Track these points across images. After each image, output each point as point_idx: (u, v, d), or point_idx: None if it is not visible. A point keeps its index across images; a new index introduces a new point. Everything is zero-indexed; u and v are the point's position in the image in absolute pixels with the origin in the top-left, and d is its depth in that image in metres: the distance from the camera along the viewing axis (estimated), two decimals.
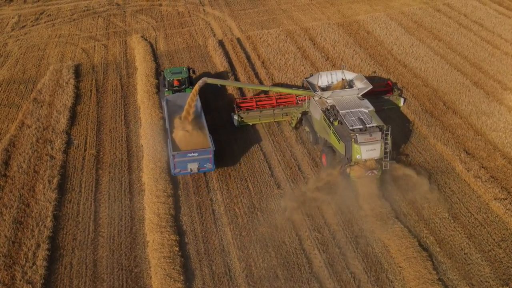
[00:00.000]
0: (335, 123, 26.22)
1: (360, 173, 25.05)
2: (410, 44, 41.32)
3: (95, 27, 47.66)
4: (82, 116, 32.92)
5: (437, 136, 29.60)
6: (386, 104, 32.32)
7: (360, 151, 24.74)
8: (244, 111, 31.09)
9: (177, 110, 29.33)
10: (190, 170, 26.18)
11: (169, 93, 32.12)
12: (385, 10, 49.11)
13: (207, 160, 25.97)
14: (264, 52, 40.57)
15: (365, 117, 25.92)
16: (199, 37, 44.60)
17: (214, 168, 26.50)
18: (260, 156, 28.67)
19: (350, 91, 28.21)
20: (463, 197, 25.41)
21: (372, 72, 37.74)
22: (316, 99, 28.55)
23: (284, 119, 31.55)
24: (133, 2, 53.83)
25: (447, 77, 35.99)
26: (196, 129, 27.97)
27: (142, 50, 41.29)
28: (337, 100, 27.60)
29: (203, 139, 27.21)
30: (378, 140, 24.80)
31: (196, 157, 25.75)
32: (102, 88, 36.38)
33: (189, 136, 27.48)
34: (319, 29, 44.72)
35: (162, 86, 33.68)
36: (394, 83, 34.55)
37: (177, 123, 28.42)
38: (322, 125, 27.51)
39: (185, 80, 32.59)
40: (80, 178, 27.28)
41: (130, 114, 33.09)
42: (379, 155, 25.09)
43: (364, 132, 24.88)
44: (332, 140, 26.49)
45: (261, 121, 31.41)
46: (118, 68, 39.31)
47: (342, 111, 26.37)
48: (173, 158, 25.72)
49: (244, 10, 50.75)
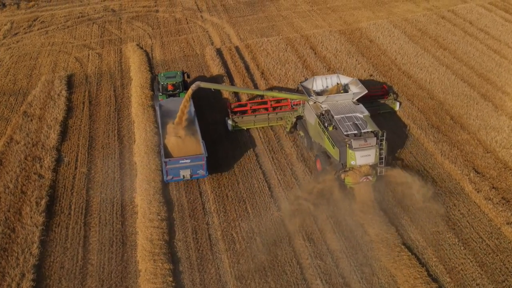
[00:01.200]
0: (330, 128, 25.95)
1: (355, 179, 24.78)
2: (415, 53, 40.03)
3: (89, 34, 46.34)
4: (74, 131, 31.60)
5: (445, 153, 28.31)
6: (382, 108, 32.09)
7: (354, 157, 24.44)
8: (238, 116, 30.64)
9: (171, 115, 29.04)
10: (183, 177, 25.93)
11: (163, 98, 31.77)
12: (388, 16, 47.82)
13: (200, 166, 25.72)
14: (263, 62, 39.27)
15: (360, 122, 25.63)
16: (196, 45, 43.31)
17: (207, 174, 26.12)
18: (259, 174, 27.34)
19: (345, 96, 27.98)
20: (473, 220, 24.11)
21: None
22: (311, 103, 28.18)
23: (279, 124, 31.20)
24: (129, 8, 52.52)
25: (453, 89, 34.69)
26: (189, 135, 27.67)
27: (137, 59, 39.99)
28: (331, 105, 27.33)
29: (196, 145, 26.92)
30: (373, 146, 24.51)
31: (188, 164, 25.53)
32: (95, 100, 35.06)
33: (181, 142, 27.20)
34: (320, 37, 43.43)
35: (156, 90, 33.23)
36: (390, 87, 33.66)
37: (170, 129, 28.11)
38: (317, 130, 27.23)
39: (180, 84, 32.22)
40: (70, 199, 25.95)
41: (123, 128, 31.78)
42: (374, 161, 24.76)
43: (358, 137, 24.59)
44: (326, 145, 26.18)
45: (256, 125, 31.06)
46: (112, 79, 38.00)
47: (336, 116, 26.12)
48: (165, 165, 25.38)
49: (243, 16, 49.45)
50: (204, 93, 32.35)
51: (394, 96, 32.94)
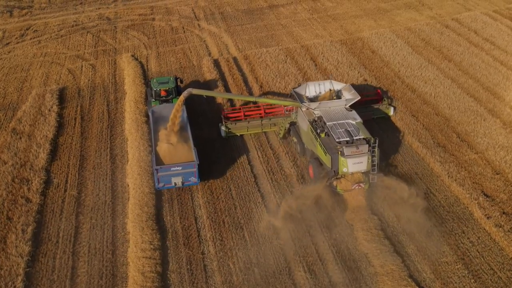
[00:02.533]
0: (322, 135, 25.86)
1: (347, 187, 24.80)
2: (418, 65, 38.81)
3: (83, 44, 45.09)
4: (64, 150, 30.35)
5: (452, 174, 27.09)
6: (376, 113, 31.98)
7: (346, 164, 24.41)
8: (231, 122, 30.56)
9: (163, 122, 28.86)
10: (175, 184, 25.81)
11: (156, 104, 31.51)
12: (390, 25, 46.61)
13: (192, 173, 25.61)
14: (262, 74, 38.04)
15: (352, 129, 25.65)
16: (193, 56, 42.07)
17: (199, 182, 25.97)
18: (256, 196, 26.09)
19: (338, 102, 28.02)
20: (484, 250, 22.87)
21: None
22: (303, 109, 28.09)
23: (272, 130, 31.17)
24: (124, 17, 51.28)
25: (459, 103, 33.47)
26: (181, 142, 27.50)
27: (132, 72, 38.73)
28: (324, 111, 27.37)
29: (188, 152, 26.77)
30: (365, 153, 24.46)
31: (180, 171, 25.44)
32: (88, 116, 33.81)
33: (173, 149, 27.01)
34: (321, 48, 42.21)
35: (149, 96, 32.92)
36: (385, 91, 33.25)
37: (162, 136, 27.91)
38: (309, 136, 27.16)
39: (173, 90, 31.92)
40: (58, 226, 24.69)
41: (116, 147, 30.53)
42: (366, 168, 24.69)
43: (351, 144, 24.58)
44: (318, 152, 26.06)
45: (249, 131, 31.00)
46: (105, 92, 36.76)
47: (329, 123, 26.16)
48: (156, 173, 25.24)
49: (241, 25, 48.22)
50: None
51: (389, 101, 32.80)
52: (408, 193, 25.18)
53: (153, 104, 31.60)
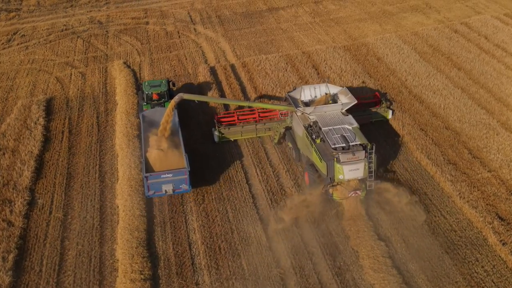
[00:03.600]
0: (317, 141, 25.66)
1: (343, 194, 24.66)
2: (426, 73, 37.82)
3: (73, 50, 44.11)
4: (50, 167, 29.34)
5: (464, 195, 26.09)
6: (374, 116, 31.89)
7: (342, 171, 24.19)
8: (225, 127, 30.44)
9: (154, 126, 28.86)
10: (165, 192, 25.64)
11: (147, 107, 31.56)
12: (396, 30, 45.62)
13: (183, 181, 25.43)
14: (261, 84, 37.06)
15: (349, 134, 25.49)
16: (188, 64, 41.08)
17: (190, 189, 25.73)
18: (254, 219, 25.09)
19: (334, 107, 27.79)
20: (500, 280, 21.87)
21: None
22: (298, 114, 27.92)
23: (267, 134, 30.97)
24: (117, 20, 50.28)
25: (470, 116, 32.48)
26: (172, 148, 27.31)
27: (123, 81, 37.76)
28: (320, 116, 27.19)
29: (179, 158, 26.55)
30: (361, 160, 24.27)
31: (170, 178, 25.22)
32: (76, 129, 32.82)
33: (163, 155, 26.82)
34: (323, 54, 41.22)
35: (140, 100, 32.92)
36: (384, 94, 33.66)
37: (152, 141, 27.81)
38: (305, 142, 26.98)
39: (165, 94, 31.93)
40: (42, 252, 23.68)
41: (106, 164, 29.53)
42: (362, 175, 24.50)
43: (347, 151, 24.37)
44: (314, 158, 25.86)
45: (243, 136, 30.77)
46: (95, 103, 35.77)
47: (324, 128, 25.97)
48: (146, 180, 25.07)
49: (239, 29, 47.23)
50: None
51: (387, 104, 32.74)
52: (418, 216, 24.26)
53: (144, 108, 31.56)
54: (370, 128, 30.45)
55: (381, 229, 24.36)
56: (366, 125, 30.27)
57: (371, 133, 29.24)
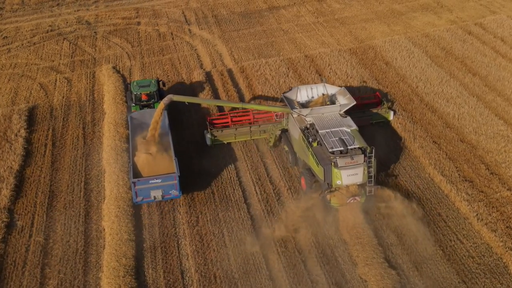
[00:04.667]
0: (314, 144, 25.57)
1: (342, 200, 24.59)
2: (439, 79, 36.85)
3: (58, 53, 43.13)
4: (31, 184, 28.37)
5: (482, 216, 25.14)
6: (374, 118, 31.94)
7: (340, 176, 24.15)
8: (218, 129, 30.35)
9: (142, 129, 28.94)
10: (154, 198, 25.73)
11: (136, 109, 31.48)
12: (405, 31, 44.67)
13: (172, 186, 25.52)
14: (261, 91, 36.11)
15: (347, 137, 25.40)
16: (182, 68, 40.12)
17: (180, 195, 25.84)
18: (253, 243, 24.13)
19: (331, 108, 27.77)
20: None
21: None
22: (295, 116, 27.90)
23: (262, 137, 30.95)
24: (106, 20, 49.29)
25: (487, 127, 31.52)
26: (161, 152, 27.39)
27: (112, 87, 36.78)
28: (317, 117, 27.13)
29: (168, 163, 26.62)
30: (360, 164, 24.23)
31: (159, 184, 25.35)
32: (60, 142, 31.85)
33: (152, 160, 26.90)
34: (327, 58, 40.27)
35: (129, 101, 32.88)
36: (385, 93, 33.96)
37: (141, 145, 27.89)
38: (301, 145, 26.89)
39: (154, 94, 31.80)
40: (20, 282, 22.73)
41: (92, 180, 28.58)
42: (362, 180, 24.50)
43: (345, 155, 24.31)
44: (311, 163, 25.74)
45: (237, 139, 30.79)
46: (82, 112, 34.80)
47: (321, 131, 25.90)
48: (133, 186, 25.15)
49: (237, 30, 46.26)
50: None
51: (388, 105, 32.80)
52: (432, 243, 23.36)
53: (133, 109, 31.47)
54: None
55: (391, 255, 23.41)
56: (366, 127, 30.57)
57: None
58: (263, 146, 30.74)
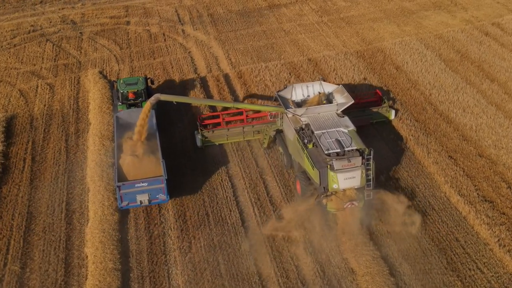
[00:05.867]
0: (309, 146, 25.58)
1: (339, 205, 24.61)
2: (454, 86, 35.85)
3: (40, 56, 42.15)
4: (8, 204, 27.32)
5: (504, 242, 24.12)
6: (374, 117, 32.11)
7: (337, 180, 24.12)
8: (209, 130, 30.56)
9: (129, 130, 29.01)
10: (140, 203, 25.82)
11: (123, 108, 31.66)
12: (417, 32, 43.70)
13: (160, 190, 25.65)
14: (260, 99, 35.14)
15: (344, 138, 25.41)
16: (175, 73, 39.15)
17: (168, 199, 26.01)
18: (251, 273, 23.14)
19: (328, 107, 27.75)
20: None
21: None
22: (289, 116, 27.89)
23: (256, 138, 31.14)
24: (93, 20, 48.33)
25: (508, 140, 30.50)
26: (148, 154, 27.44)
27: (98, 95, 35.74)
28: (312, 117, 27.10)
29: (155, 165, 26.64)
30: (358, 167, 24.18)
31: (146, 188, 25.46)
32: (40, 156, 30.84)
33: (138, 162, 26.97)
34: (332, 62, 39.30)
35: (115, 99, 32.98)
36: (386, 91, 34.14)
37: (126, 146, 28.01)
38: (296, 147, 26.89)
39: (142, 93, 31.86)
40: None
41: (74, 200, 27.56)
42: (359, 184, 24.49)
43: (341, 157, 24.28)
44: (306, 165, 25.76)
45: (229, 140, 30.99)
46: (65, 123, 33.80)
47: (317, 132, 25.89)
48: (118, 190, 25.19)
49: (235, 31, 45.29)
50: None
51: (390, 103, 33.01)
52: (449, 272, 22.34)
53: (119, 109, 31.59)
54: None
55: (404, 287, 22.38)
56: (366, 126, 30.91)
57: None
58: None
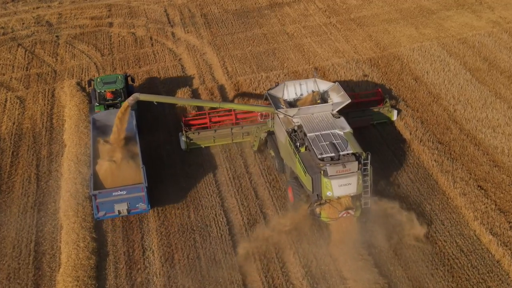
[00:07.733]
0: (302, 150, 25.63)
1: (333, 214, 24.55)
2: (482, 101, 34.39)
3: (10, 64, 40.80)
4: None
5: None
6: (375, 118, 32.40)
7: (331, 187, 24.08)
8: (194, 131, 30.82)
9: (107, 133, 29.17)
10: (119, 213, 25.95)
11: (100, 109, 31.79)
12: (437, 35, 42.30)
13: (139, 199, 25.77)
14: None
15: (339, 141, 25.38)
16: (163, 84, 37.65)
17: (149, 209, 26.12)
18: None
19: (322, 107, 27.76)
20: None
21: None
22: (281, 116, 27.88)
23: (245, 140, 31.36)
24: (71, 21, 46.97)
25: None
26: (127, 159, 27.65)
27: (75, 111, 34.36)
28: (305, 118, 27.14)
29: (135, 171, 26.88)
30: (353, 173, 24.19)
31: (124, 196, 25.60)
32: (7, 185, 29.40)
33: (116, 168, 27.19)
34: (343, 72, 37.96)
35: (92, 99, 33.02)
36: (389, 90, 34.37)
37: (103, 151, 28.19)
38: (288, 150, 26.98)
39: (121, 92, 31.97)
40: None
41: (45, 240, 26.13)
42: (355, 191, 24.48)
43: (336, 162, 24.27)
44: (298, 171, 25.77)
45: (216, 142, 31.28)
46: (36, 144, 32.40)
47: (310, 134, 25.91)
48: (94, 199, 25.34)
49: (231, 34, 43.88)
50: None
51: (392, 103, 33.20)
52: None
53: (96, 110, 31.73)
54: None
55: None
56: (366, 128, 31.32)
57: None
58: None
